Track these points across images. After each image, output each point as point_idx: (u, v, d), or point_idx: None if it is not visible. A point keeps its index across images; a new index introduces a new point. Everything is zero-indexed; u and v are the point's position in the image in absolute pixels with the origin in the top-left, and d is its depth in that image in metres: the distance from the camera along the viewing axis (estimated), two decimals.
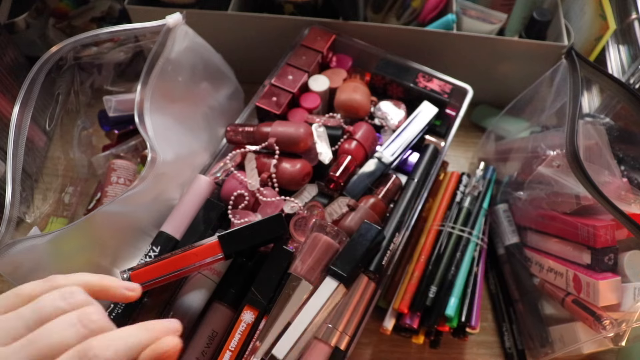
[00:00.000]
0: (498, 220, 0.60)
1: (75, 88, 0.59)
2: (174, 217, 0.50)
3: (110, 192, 0.55)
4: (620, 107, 0.55)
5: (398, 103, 0.61)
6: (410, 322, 0.52)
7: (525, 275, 0.56)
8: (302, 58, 0.61)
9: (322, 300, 0.43)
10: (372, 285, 0.47)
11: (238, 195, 0.51)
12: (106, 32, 0.49)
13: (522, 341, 0.57)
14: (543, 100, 0.57)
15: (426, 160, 0.56)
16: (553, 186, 0.51)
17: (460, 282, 0.53)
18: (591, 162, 0.50)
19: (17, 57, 0.63)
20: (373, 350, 0.57)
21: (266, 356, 0.41)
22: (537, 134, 0.59)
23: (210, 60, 0.59)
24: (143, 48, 0.59)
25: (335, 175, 0.52)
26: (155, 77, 0.50)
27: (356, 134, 0.55)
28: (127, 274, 0.42)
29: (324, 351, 0.43)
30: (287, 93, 0.58)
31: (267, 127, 0.53)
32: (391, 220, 0.51)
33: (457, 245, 0.56)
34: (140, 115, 0.49)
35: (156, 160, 0.47)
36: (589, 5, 0.66)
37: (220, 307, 0.46)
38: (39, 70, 0.46)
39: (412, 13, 0.71)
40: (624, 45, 0.62)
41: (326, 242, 0.45)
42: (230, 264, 0.48)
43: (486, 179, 0.61)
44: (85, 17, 0.72)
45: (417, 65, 0.62)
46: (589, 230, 0.48)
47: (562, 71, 0.53)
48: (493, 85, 0.72)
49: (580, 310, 0.47)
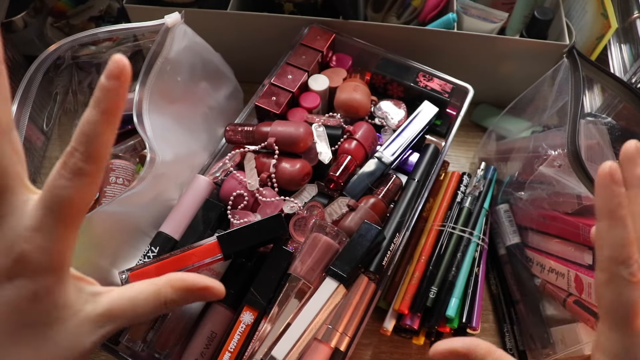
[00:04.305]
0: (499, 220, 0.60)
1: (73, 87, 0.59)
2: (172, 217, 0.50)
3: (108, 192, 0.55)
4: (622, 107, 0.55)
5: (398, 103, 0.60)
6: (411, 323, 0.52)
7: (526, 275, 0.56)
8: (301, 57, 0.60)
9: (322, 301, 0.42)
10: (372, 285, 0.47)
11: (237, 195, 0.51)
12: (104, 32, 0.49)
13: (523, 342, 0.56)
14: (544, 99, 0.57)
15: (427, 160, 0.56)
16: (554, 186, 0.51)
17: (461, 283, 0.53)
18: (593, 162, 0.50)
19: (14, 56, 0.63)
20: (373, 351, 0.56)
21: (266, 357, 0.41)
22: (538, 134, 0.59)
23: (209, 60, 0.59)
24: (142, 47, 0.59)
25: (335, 175, 0.52)
26: (154, 76, 0.50)
27: (356, 134, 0.55)
28: (125, 275, 0.42)
29: (324, 352, 0.43)
30: (286, 92, 0.58)
31: (266, 126, 0.53)
32: (391, 220, 0.51)
33: (458, 246, 0.55)
34: (139, 115, 0.48)
35: (155, 161, 0.47)
36: (590, 4, 0.66)
37: (219, 308, 0.46)
38: (36, 69, 0.46)
39: (412, 12, 0.71)
40: (626, 44, 0.62)
41: (326, 242, 0.45)
42: (230, 264, 0.48)
43: (487, 179, 0.61)
44: (83, 16, 0.72)
45: (417, 65, 0.61)
46: (591, 230, 0.47)
47: (563, 70, 0.53)
48: (494, 84, 0.71)
49: (582, 311, 0.47)
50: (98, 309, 0.27)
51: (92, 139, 0.24)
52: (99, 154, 0.25)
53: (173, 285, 0.28)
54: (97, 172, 0.25)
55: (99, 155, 0.25)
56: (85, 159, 0.24)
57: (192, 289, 0.28)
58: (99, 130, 0.24)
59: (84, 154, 0.24)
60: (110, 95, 0.24)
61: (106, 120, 0.24)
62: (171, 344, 0.45)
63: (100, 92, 0.24)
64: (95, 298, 0.28)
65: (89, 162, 0.24)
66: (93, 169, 0.25)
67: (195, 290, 0.28)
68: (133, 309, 0.28)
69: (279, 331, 0.42)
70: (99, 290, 0.28)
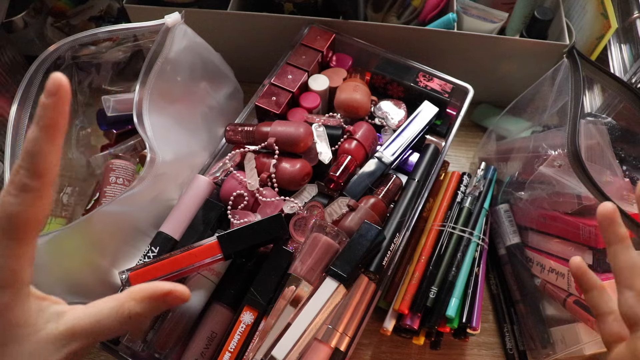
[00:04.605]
0: (499, 220, 0.60)
1: (73, 87, 0.59)
2: (173, 217, 0.49)
3: (108, 192, 0.55)
4: (622, 107, 0.55)
5: (398, 103, 0.60)
6: (411, 323, 0.52)
7: (526, 275, 0.56)
8: (302, 57, 0.60)
9: (322, 301, 0.42)
10: (373, 285, 0.47)
11: (237, 195, 0.51)
12: (104, 32, 0.49)
13: (523, 342, 0.56)
14: (544, 99, 0.57)
15: (427, 160, 0.56)
16: (554, 186, 0.51)
17: (461, 283, 0.53)
18: (593, 162, 0.50)
19: (15, 56, 0.63)
20: (373, 351, 0.56)
21: (266, 357, 0.41)
22: (538, 134, 0.59)
23: (209, 60, 0.59)
24: (142, 47, 0.59)
25: (335, 175, 0.52)
26: (154, 77, 0.50)
27: (356, 134, 0.55)
28: (125, 275, 0.42)
29: (324, 352, 0.43)
30: (286, 92, 0.58)
31: (266, 126, 0.53)
32: (391, 220, 0.51)
33: (458, 246, 0.55)
34: (139, 115, 0.48)
35: (155, 161, 0.47)
36: (590, 4, 0.66)
37: (219, 308, 0.46)
38: (36, 69, 0.46)
39: (412, 12, 0.71)
40: (626, 44, 0.62)
41: (326, 242, 0.45)
42: (230, 264, 0.48)
43: (487, 179, 0.61)
44: (83, 16, 0.72)
45: (417, 65, 0.61)
46: (591, 230, 0.47)
47: (563, 70, 0.53)
48: (494, 84, 0.71)
49: (582, 311, 0.47)
50: (61, 327, 0.27)
51: (34, 155, 0.25)
52: (43, 170, 0.25)
53: (134, 297, 0.28)
54: (43, 187, 0.25)
55: (43, 171, 0.25)
56: (29, 175, 0.25)
57: (153, 296, 0.28)
58: (40, 147, 0.25)
59: (29, 170, 0.25)
60: (49, 111, 0.24)
61: (46, 136, 0.25)
62: (171, 344, 0.45)
63: (40, 109, 0.25)
64: (59, 317, 0.28)
65: (33, 178, 0.25)
66: (38, 184, 0.25)
67: (157, 297, 0.28)
68: (97, 325, 0.28)
69: (279, 331, 0.42)
70: (63, 309, 0.28)
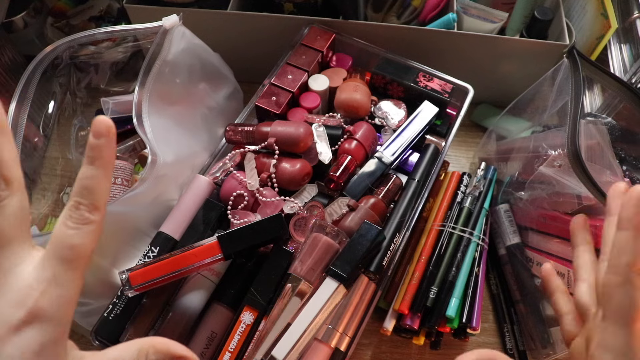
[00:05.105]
0: (499, 220, 0.60)
1: (71, 87, 0.59)
2: (173, 217, 0.49)
3: None
4: (622, 107, 0.55)
5: (398, 103, 0.60)
6: (411, 323, 0.51)
7: (526, 275, 0.56)
8: (302, 57, 0.60)
9: (322, 301, 0.42)
10: (373, 285, 0.47)
11: (237, 195, 0.51)
12: (102, 32, 0.49)
13: (523, 342, 0.56)
14: (544, 99, 0.57)
15: (427, 160, 0.56)
16: (554, 186, 0.51)
17: (461, 283, 0.53)
18: (593, 162, 0.50)
19: (14, 56, 0.63)
20: (373, 351, 0.56)
21: (266, 357, 0.41)
22: (538, 134, 0.58)
23: (208, 61, 0.59)
24: (142, 47, 0.59)
25: (335, 175, 0.52)
26: (153, 79, 0.50)
27: (356, 134, 0.55)
28: (125, 275, 0.42)
29: (324, 352, 0.43)
30: (286, 92, 0.58)
31: (266, 126, 0.53)
32: (391, 220, 0.51)
33: (458, 246, 0.55)
34: (139, 117, 0.48)
35: (156, 162, 0.47)
36: (590, 4, 0.66)
37: (219, 308, 0.46)
38: (34, 69, 0.46)
39: (412, 12, 0.71)
40: (626, 44, 0.62)
41: (326, 242, 0.45)
42: (230, 264, 0.48)
43: (487, 179, 0.61)
44: (83, 16, 0.72)
45: (417, 65, 0.61)
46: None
47: (563, 70, 0.52)
48: (494, 84, 0.71)
49: None
50: None
51: (94, 192, 0.27)
52: (102, 204, 0.28)
53: (156, 346, 0.30)
54: (102, 219, 0.28)
55: (102, 205, 0.28)
56: (90, 210, 0.27)
57: (172, 354, 0.30)
58: (99, 183, 0.27)
59: (89, 206, 0.27)
60: (103, 151, 0.27)
61: (104, 173, 0.27)
62: None
63: (93, 150, 0.27)
64: None
65: (94, 212, 0.27)
66: (98, 217, 0.27)
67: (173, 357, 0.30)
68: None
69: (279, 331, 0.42)
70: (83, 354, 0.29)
